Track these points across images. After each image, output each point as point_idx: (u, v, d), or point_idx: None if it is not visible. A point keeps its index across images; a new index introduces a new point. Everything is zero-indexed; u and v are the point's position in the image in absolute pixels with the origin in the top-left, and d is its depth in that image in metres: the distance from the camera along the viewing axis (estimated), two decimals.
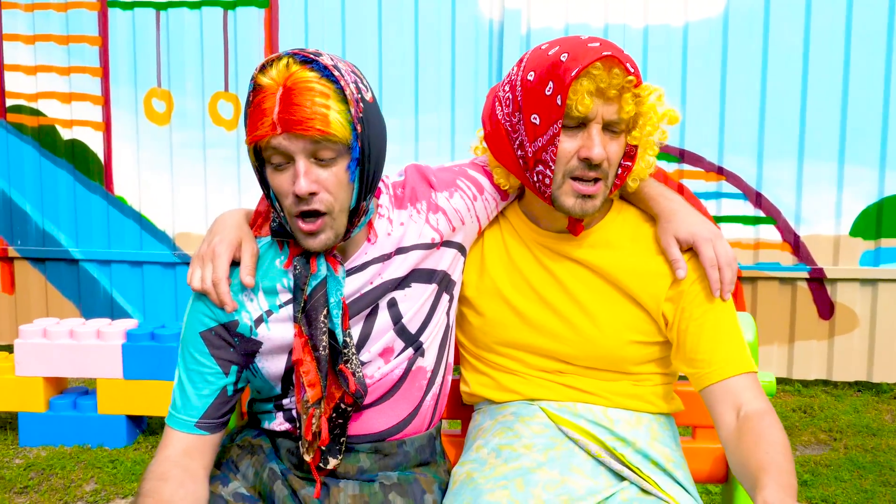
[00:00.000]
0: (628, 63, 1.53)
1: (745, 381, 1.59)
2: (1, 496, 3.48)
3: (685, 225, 1.66)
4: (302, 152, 1.46)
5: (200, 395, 1.62)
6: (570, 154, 1.57)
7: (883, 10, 4.65)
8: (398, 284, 1.65)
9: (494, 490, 1.57)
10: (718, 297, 1.62)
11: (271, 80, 1.46)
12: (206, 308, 1.62)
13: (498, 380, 1.76)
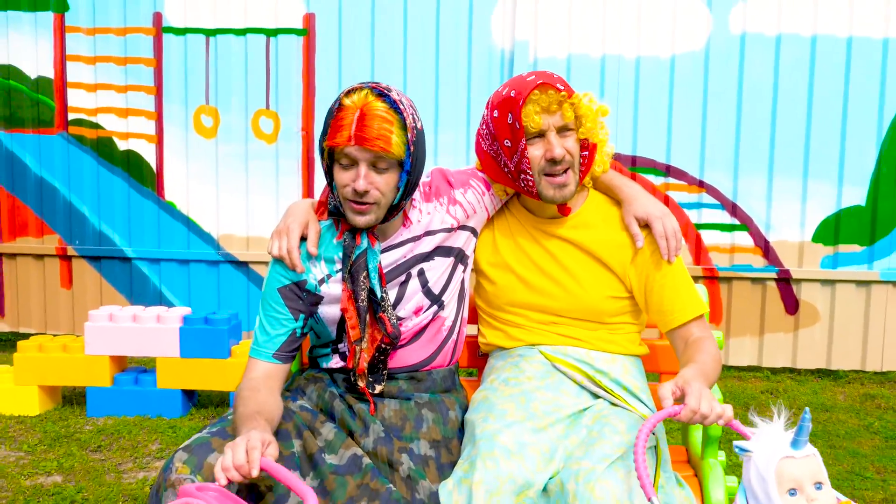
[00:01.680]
0: (558, 83, 1.93)
1: (696, 323, 2.04)
2: (79, 453, 3.70)
3: (642, 207, 2.06)
4: (365, 161, 1.85)
5: (277, 334, 2.00)
6: (539, 159, 1.97)
7: (842, 48, 4.89)
8: (425, 258, 2.03)
9: (504, 403, 1.94)
10: (667, 260, 2.01)
11: (352, 103, 1.83)
12: (283, 270, 2.00)
13: (507, 331, 2.13)
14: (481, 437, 1.86)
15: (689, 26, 5.01)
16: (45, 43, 5.42)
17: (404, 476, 1.89)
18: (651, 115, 5.08)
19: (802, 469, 1.52)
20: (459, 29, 5.16)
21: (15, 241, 5.57)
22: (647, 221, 2.05)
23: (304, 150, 5.31)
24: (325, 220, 2.05)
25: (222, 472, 1.66)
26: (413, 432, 1.98)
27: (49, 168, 5.50)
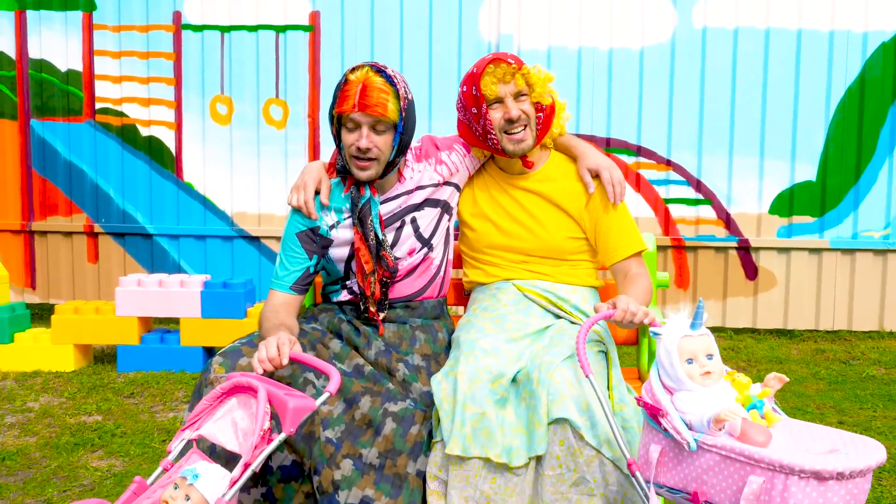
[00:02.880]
0: (509, 59, 2.30)
1: (635, 259, 2.39)
2: (114, 398, 4.01)
3: (593, 160, 2.42)
4: (366, 124, 2.20)
5: (294, 270, 2.35)
6: (499, 120, 2.33)
7: (792, 40, 5.19)
8: (417, 208, 2.39)
9: (483, 322, 2.29)
10: (612, 203, 2.37)
11: (356, 78, 2.20)
12: (300, 218, 2.35)
13: (486, 269, 2.48)
14: (465, 343, 2.22)
15: (656, 21, 5.29)
16: (74, 39, 5.64)
17: (400, 380, 2.24)
18: (623, 101, 5.37)
19: (697, 344, 1.80)
20: (450, 24, 5.42)
21: (46, 220, 5.79)
22: (597, 172, 2.39)
23: (310, 134, 5.58)
24: (335, 178, 2.38)
25: (258, 364, 2.01)
26: (408, 348, 2.33)
27: (78, 153, 5.72)
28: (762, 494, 1.57)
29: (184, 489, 1.73)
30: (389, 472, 2.09)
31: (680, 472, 1.75)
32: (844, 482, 1.53)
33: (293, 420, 1.80)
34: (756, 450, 1.60)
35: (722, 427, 1.68)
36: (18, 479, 2.99)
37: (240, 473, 1.76)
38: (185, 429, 1.93)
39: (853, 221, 5.29)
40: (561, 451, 2.01)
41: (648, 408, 1.79)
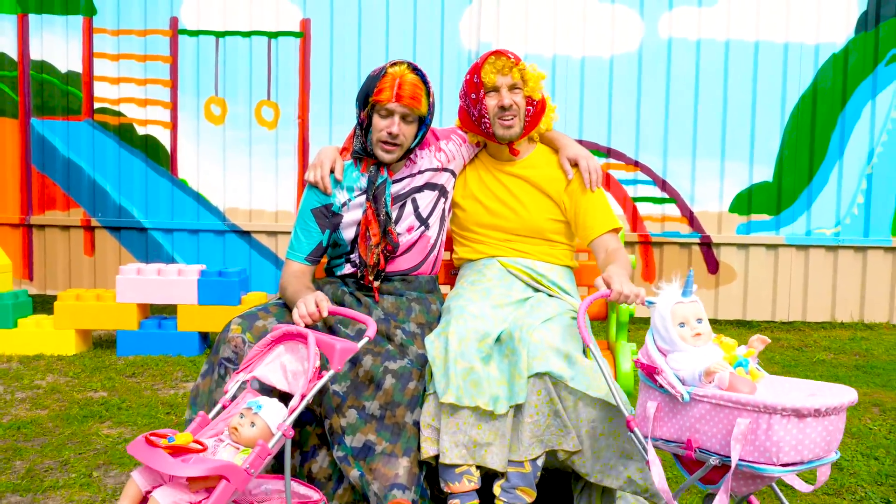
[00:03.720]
0: (509, 54, 2.57)
1: (611, 235, 2.62)
2: (117, 377, 4.21)
3: (572, 151, 2.69)
4: (399, 113, 2.47)
5: (308, 242, 2.59)
6: (494, 107, 2.58)
7: (750, 51, 5.53)
8: (418, 190, 2.64)
9: (471, 294, 2.54)
10: (589, 188, 2.62)
11: (395, 72, 2.46)
12: (315, 194, 2.59)
13: (473, 247, 2.73)
14: (454, 308, 2.47)
15: (625, 31, 5.60)
16: (74, 42, 5.85)
17: (398, 343, 2.48)
18: (594, 106, 5.66)
19: (688, 309, 1.99)
20: (433, 33, 5.70)
21: (44, 214, 5.98)
22: (575, 161, 2.66)
23: (300, 135, 5.82)
24: (348, 159, 2.62)
25: (300, 319, 2.25)
26: (405, 317, 2.57)
27: (76, 150, 5.91)
28: (749, 434, 1.74)
29: (249, 417, 1.99)
30: (389, 422, 2.32)
31: (675, 424, 1.91)
32: (821, 419, 1.72)
33: (340, 359, 2.07)
34: (742, 395, 1.78)
35: (712, 380, 1.86)
36: (35, 444, 3.19)
37: (297, 403, 2.01)
38: (239, 372, 2.17)
39: (807, 219, 5.62)
40: (538, 401, 2.25)
41: (645, 368, 1.97)
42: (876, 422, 3.45)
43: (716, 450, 1.81)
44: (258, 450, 1.93)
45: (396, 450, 2.27)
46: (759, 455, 1.74)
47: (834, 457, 1.82)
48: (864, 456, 3.01)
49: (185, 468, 1.83)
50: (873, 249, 5.61)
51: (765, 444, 1.72)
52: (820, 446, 1.75)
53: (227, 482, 1.85)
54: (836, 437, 1.78)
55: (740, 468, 1.77)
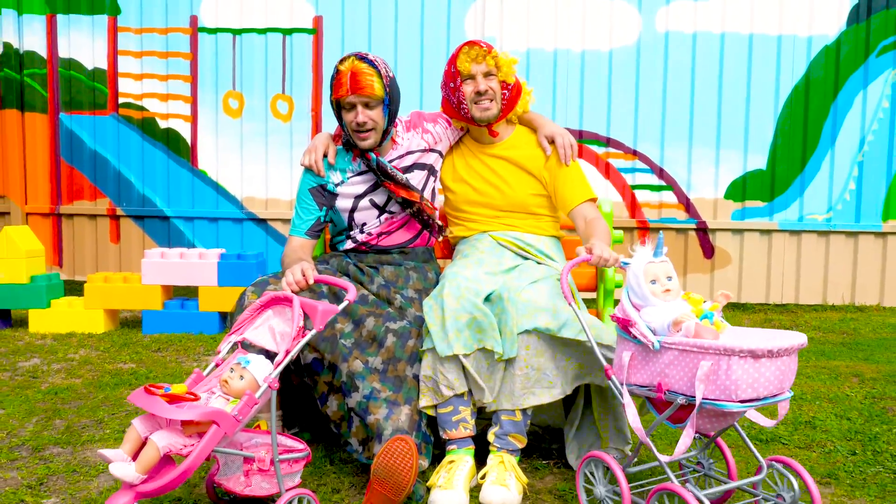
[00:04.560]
0: (482, 43, 2.79)
1: (587, 204, 2.82)
2: (144, 352, 4.47)
3: (549, 129, 2.91)
4: (359, 103, 2.69)
5: (307, 219, 2.84)
6: (471, 93, 2.81)
7: (745, 43, 5.69)
8: (407, 170, 2.86)
9: (464, 263, 2.75)
10: (565, 163, 2.83)
11: (345, 67, 2.68)
12: (311, 176, 2.84)
13: (466, 225, 2.96)
14: (450, 274, 2.70)
15: (623, 25, 5.77)
16: (100, 40, 6.10)
17: (398, 307, 2.73)
18: (594, 97, 5.84)
19: (659, 268, 2.19)
20: (439, 29, 5.89)
21: (72, 204, 6.24)
22: (552, 138, 2.88)
23: (313, 127, 6.05)
24: (340, 144, 2.86)
25: (287, 286, 2.48)
26: (403, 284, 2.83)
27: (102, 143, 6.16)
28: (711, 374, 1.93)
29: (238, 371, 2.20)
30: (391, 375, 2.56)
31: (646, 371, 2.10)
32: (774, 359, 1.92)
33: (322, 320, 2.28)
34: (705, 341, 1.96)
35: (679, 329, 2.06)
36: (72, 406, 3.46)
37: (282, 358, 2.23)
38: (231, 334, 2.39)
39: (799, 206, 5.77)
40: (528, 355, 2.47)
41: (620, 321, 2.18)
42: (854, 389, 3.64)
43: (682, 391, 2.01)
44: (246, 399, 2.11)
45: (399, 398, 2.50)
46: (720, 393, 1.93)
47: (787, 395, 2.02)
48: (837, 417, 3.21)
49: (180, 412, 2.02)
50: (864, 234, 5.76)
51: (725, 383, 1.92)
52: (773, 384, 1.95)
53: (218, 426, 2.03)
54: (788, 376, 1.98)
55: (704, 406, 1.96)
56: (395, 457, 2.19)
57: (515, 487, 2.37)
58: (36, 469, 2.66)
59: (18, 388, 3.68)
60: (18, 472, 2.64)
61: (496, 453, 2.47)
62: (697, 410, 1.99)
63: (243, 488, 2.19)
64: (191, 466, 2.00)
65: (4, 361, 4.20)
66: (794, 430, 3.05)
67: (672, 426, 2.14)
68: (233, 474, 2.21)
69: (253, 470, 2.18)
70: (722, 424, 2.10)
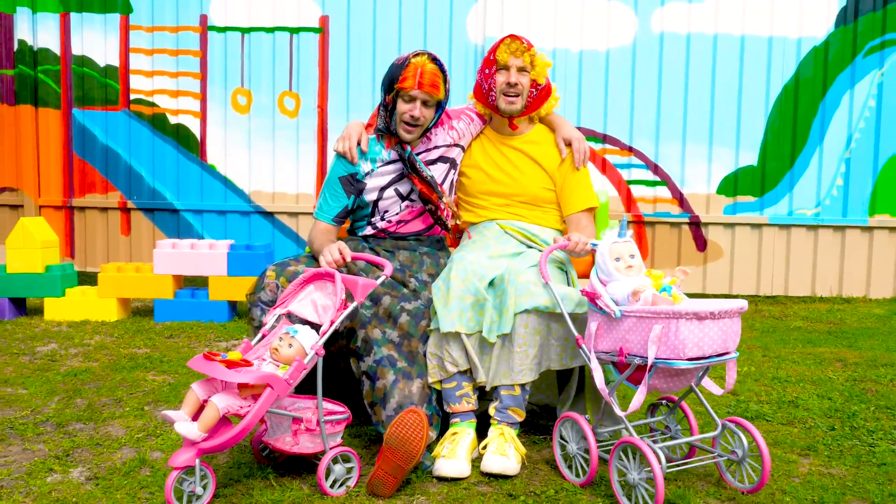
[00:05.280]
0: (524, 39, 2.89)
1: (584, 214, 2.96)
2: (157, 338, 4.58)
3: (566, 132, 3.02)
4: (420, 99, 2.80)
5: (336, 205, 2.94)
6: (502, 83, 2.92)
7: (736, 44, 5.79)
8: (432, 162, 2.98)
9: (471, 247, 2.87)
10: (577, 167, 2.96)
11: (417, 62, 2.78)
12: (343, 163, 2.93)
13: (476, 212, 3.06)
14: (456, 259, 2.81)
15: (620, 26, 5.89)
16: (112, 38, 6.19)
17: (412, 289, 2.84)
18: (591, 95, 5.95)
19: (623, 248, 2.41)
20: (441, 29, 6.00)
21: (84, 197, 6.33)
22: (569, 141, 3.00)
23: (319, 123, 6.16)
24: (372, 134, 2.96)
25: (326, 265, 2.61)
26: (417, 268, 2.94)
27: (114, 138, 6.25)
28: (662, 336, 2.15)
29: (287, 340, 2.34)
30: (406, 349, 2.67)
31: (610, 338, 2.33)
32: (717, 321, 2.13)
33: (362, 293, 2.43)
34: (658, 307, 2.20)
35: (638, 299, 2.27)
36: (91, 386, 3.59)
37: (328, 327, 2.37)
38: (276, 307, 2.52)
39: (789, 201, 5.89)
40: (526, 333, 2.59)
41: (589, 295, 2.37)
42: (836, 373, 3.79)
43: (639, 353, 2.21)
44: (296, 364, 2.27)
45: (412, 372, 2.62)
46: (671, 352, 2.13)
47: (733, 355, 2.23)
48: (819, 397, 3.35)
49: (238, 376, 2.18)
50: (851, 229, 5.87)
51: (674, 343, 2.12)
52: (717, 343, 2.16)
53: (272, 389, 2.19)
54: (731, 337, 2.18)
55: (658, 365, 2.16)
56: (407, 428, 2.30)
57: (514, 457, 2.49)
58: (61, 442, 2.79)
59: (39, 371, 3.80)
60: (45, 445, 2.77)
61: (496, 426, 2.59)
62: (651, 370, 2.19)
63: (291, 447, 2.34)
64: (249, 425, 2.15)
65: (23, 346, 4.33)
66: (777, 408, 3.19)
67: (633, 386, 2.31)
68: (280, 435, 2.36)
69: (301, 430, 2.34)
70: (678, 384, 2.28)
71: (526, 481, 2.43)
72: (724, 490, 2.35)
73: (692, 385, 2.32)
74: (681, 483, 2.40)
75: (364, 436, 2.85)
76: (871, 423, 2.98)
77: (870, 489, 2.35)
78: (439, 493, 2.34)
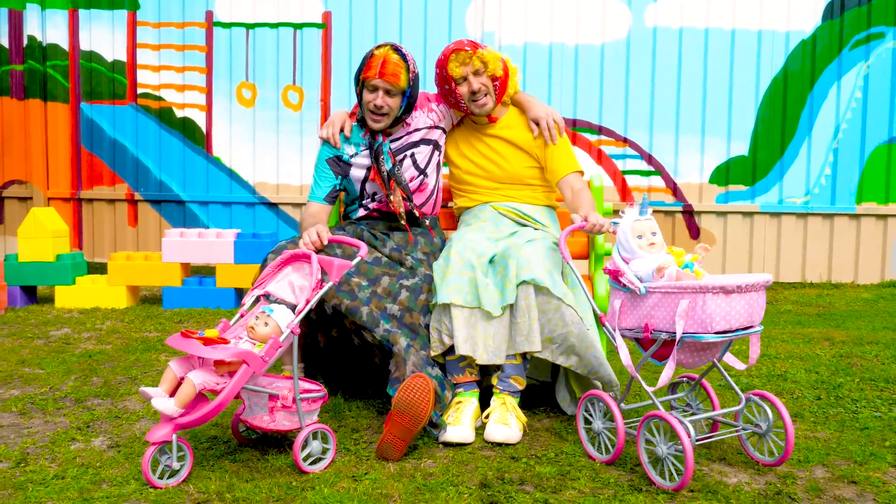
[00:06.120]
0: (466, 46, 2.93)
1: (573, 175, 3.01)
2: (167, 323, 4.64)
3: (535, 110, 3.08)
4: (383, 88, 2.85)
5: (325, 185, 3.00)
6: (466, 93, 2.98)
7: (727, 38, 5.85)
8: (415, 145, 3.04)
9: (468, 229, 2.93)
10: (551, 142, 3.02)
11: (379, 53, 2.85)
12: (329, 147, 3.00)
13: (469, 196, 3.13)
14: (456, 238, 2.89)
15: (614, 21, 5.95)
16: (120, 34, 6.23)
17: (409, 267, 2.91)
18: (587, 88, 6.01)
19: (644, 225, 2.38)
20: (441, 24, 6.06)
21: (92, 189, 6.37)
22: (537, 121, 3.05)
23: (322, 116, 6.20)
24: (355, 121, 3.04)
25: (304, 246, 2.69)
26: (412, 247, 3.00)
27: (121, 131, 6.29)
28: (689, 311, 2.10)
29: (263, 319, 2.33)
30: (407, 322, 2.73)
31: (635, 315, 2.27)
32: (743, 294, 2.10)
33: (338, 273, 2.44)
34: (684, 282, 2.15)
35: (662, 275, 2.24)
36: (106, 366, 3.65)
37: (303, 306, 2.39)
38: (254, 289, 2.54)
39: (779, 190, 5.96)
40: (526, 304, 2.64)
41: (611, 273, 2.35)
42: (824, 350, 3.88)
43: (666, 328, 2.17)
44: (271, 342, 2.26)
45: (415, 345, 2.70)
46: (698, 326, 2.10)
47: (758, 328, 2.19)
48: (806, 371, 3.45)
49: (214, 352, 2.17)
50: (839, 216, 5.95)
51: (701, 317, 2.08)
52: (744, 316, 2.13)
53: (248, 365, 2.18)
54: (756, 310, 2.15)
55: (685, 339, 2.12)
56: (414, 392, 2.36)
57: (516, 426, 2.55)
58: (81, 416, 2.86)
59: (54, 353, 3.87)
60: (66, 418, 2.84)
61: (499, 395, 2.64)
62: (679, 345, 2.14)
63: (268, 424, 2.34)
64: (224, 400, 2.15)
65: (37, 331, 4.39)
66: (767, 381, 3.29)
67: (658, 363, 2.28)
68: (258, 413, 2.37)
69: (277, 407, 2.33)
70: (703, 359, 2.25)
71: (528, 446, 2.51)
72: (714, 452, 2.44)
73: (714, 361, 2.30)
74: None
75: (372, 408, 2.94)
76: (855, 394, 3.07)
77: (852, 450, 2.44)
78: (445, 456, 2.42)
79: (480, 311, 2.69)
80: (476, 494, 2.12)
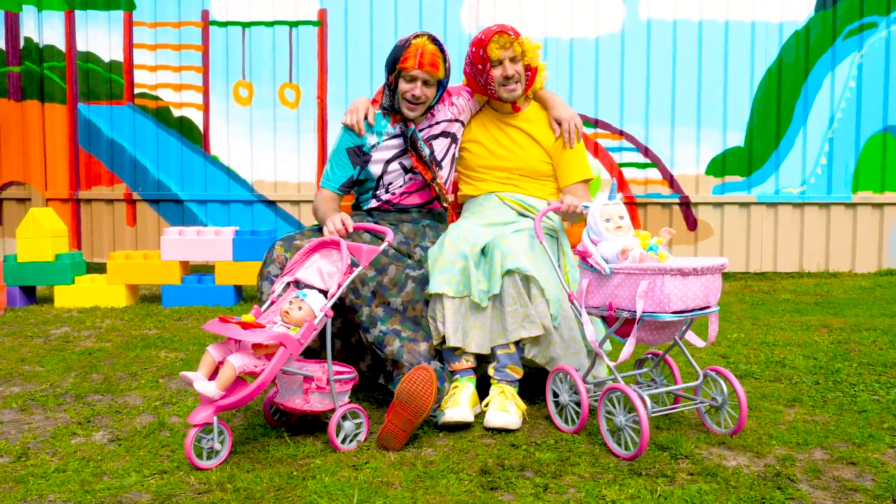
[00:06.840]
0: (510, 31, 2.94)
1: (579, 185, 3.03)
2: (166, 321, 4.63)
3: (559, 111, 3.08)
4: (421, 78, 2.87)
5: (342, 175, 3.00)
6: (499, 77, 2.98)
7: (721, 29, 5.86)
8: (435, 137, 3.04)
9: (468, 216, 2.94)
10: (569, 145, 3.04)
11: (418, 42, 2.85)
12: (350, 135, 2.99)
13: (476, 185, 3.12)
14: (451, 227, 2.89)
15: (608, 14, 5.95)
16: (116, 34, 6.23)
17: (416, 259, 2.92)
18: (582, 82, 6.01)
19: (612, 209, 2.46)
20: (436, 20, 6.05)
21: (90, 190, 6.36)
22: (560, 121, 3.05)
23: (318, 113, 6.22)
24: (378, 109, 3.03)
25: (329, 235, 2.69)
26: (420, 239, 3.00)
27: (119, 131, 6.29)
28: (649, 291, 2.23)
29: (297, 303, 2.39)
30: (410, 315, 2.74)
31: (600, 294, 2.40)
32: (699, 277, 2.20)
33: (367, 258, 2.49)
34: (645, 264, 2.26)
35: (626, 256, 2.32)
36: (106, 363, 3.65)
37: (335, 290, 2.43)
38: (283, 276, 2.57)
39: (775, 180, 5.97)
40: (515, 293, 2.64)
41: (581, 254, 2.45)
42: (822, 337, 3.88)
43: (627, 307, 2.29)
44: (307, 325, 2.33)
45: (418, 336, 2.70)
46: (657, 306, 2.21)
47: (714, 309, 2.29)
48: (805, 357, 3.44)
49: (253, 336, 2.24)
50: (835, 205, 5.96)
51: (660, 298, 2.20)
52: (700, 297, 2.23)
53: (285, 348, 2.24)
54: (713, 292, 2.25)
55: (644, 318, 2.24)
56: (416, 384, 2.35)
57: (515, 413, 2.55)
58: (82, 411, 2.85)
59: (54, 351, 3.87)
60: (67, 413, 2.83)
61: (497, 384, 2.64)
62: (639, 323, 2.26)
63: (302, 405, 2.40)
64: (264, 381, 2.20)
65: (36, 330, 4.38)
66: (765, 367, 3.29)
67: (621, 339, 2.39)
68: (291, 396, 2.41)
69: (312, 388, 2.40)
70: (663, 337, 2.35)
71: (527, 433, 2.51)
72: (714, 436, 2.44)
73: (676, 339, 2.39)
74: (673, 431, 2.49)
75: (372, 399, 2.93)
76: (853, 378, 3.07)
77: (851, 432, 2.44)
78: (446, 445, 2.42)
79: (470, 300, 2.70)
80: (476, 481, 2.11)
